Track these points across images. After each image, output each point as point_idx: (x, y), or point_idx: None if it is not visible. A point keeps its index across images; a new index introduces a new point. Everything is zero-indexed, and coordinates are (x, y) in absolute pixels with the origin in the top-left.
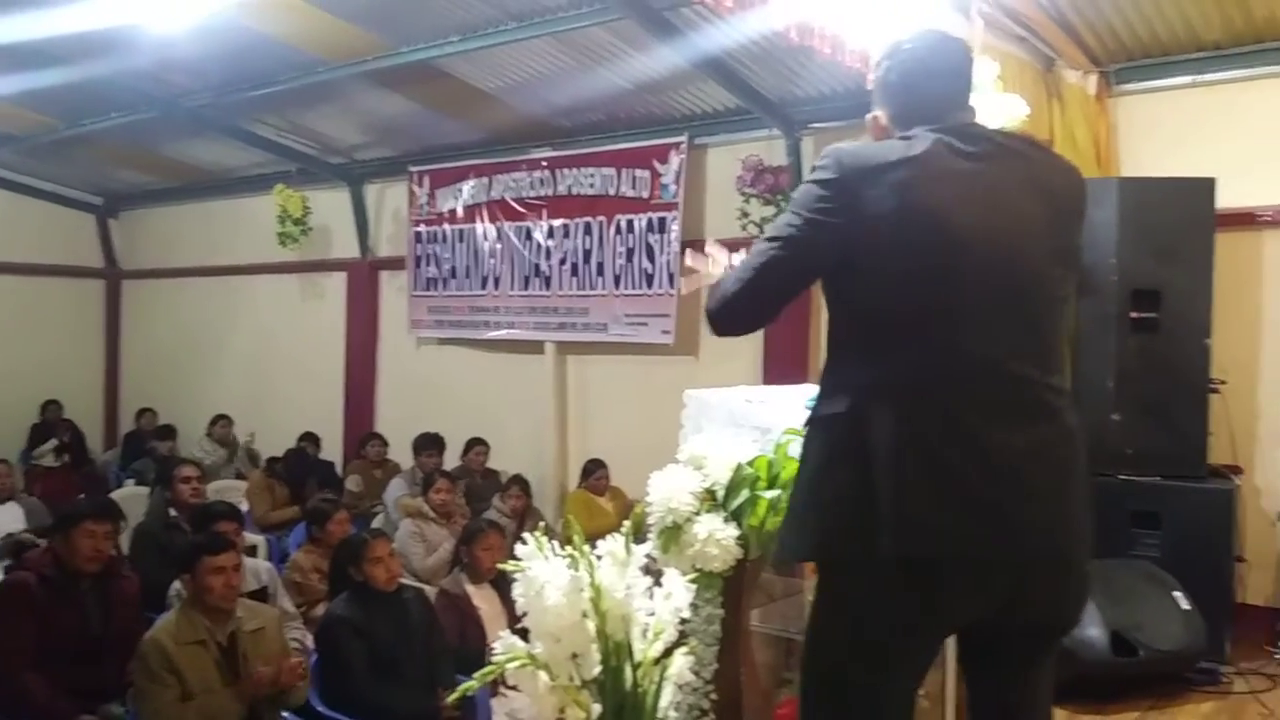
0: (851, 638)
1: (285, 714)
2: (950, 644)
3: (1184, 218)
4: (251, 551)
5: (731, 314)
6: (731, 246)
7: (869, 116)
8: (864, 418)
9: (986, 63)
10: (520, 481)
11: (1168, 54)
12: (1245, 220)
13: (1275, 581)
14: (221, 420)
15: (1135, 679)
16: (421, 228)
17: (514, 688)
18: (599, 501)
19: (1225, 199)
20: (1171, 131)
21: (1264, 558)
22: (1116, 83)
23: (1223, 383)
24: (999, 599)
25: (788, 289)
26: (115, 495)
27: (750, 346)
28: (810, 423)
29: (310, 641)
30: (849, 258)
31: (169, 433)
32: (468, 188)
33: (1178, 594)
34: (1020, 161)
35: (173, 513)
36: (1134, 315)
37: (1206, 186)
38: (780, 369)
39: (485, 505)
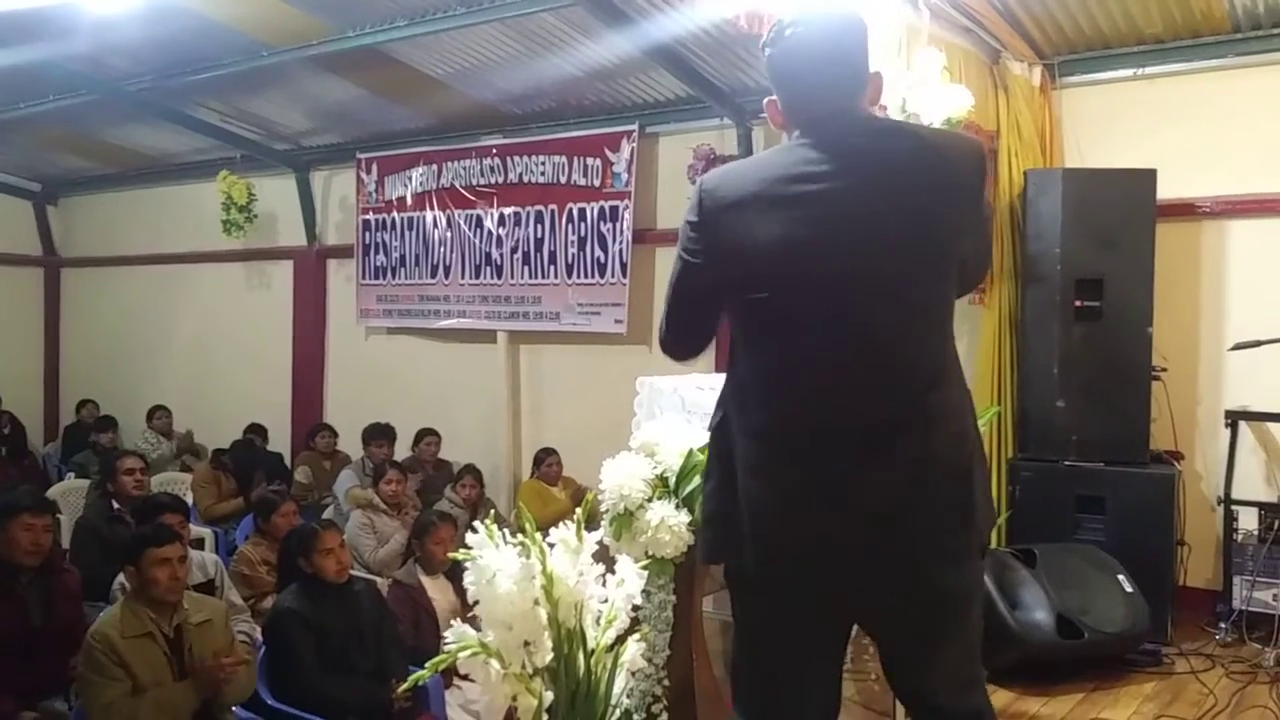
0: (737, 632)
1: (235, 708)
2: None
3: (1126, 208)
4: (198, 544)
5: (666, 343)
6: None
7: (766, 101)
8: (722, 435)
9: (933, 54)
10: (473, 471)
11: (1110, 47)
12: (1185, 211)
13: (1215, 565)
14: (160, 411)
15: (1080, 661)
16: (370, 215)
17: (467, 678)
18: (552, 490)
19: (1165, 190)
20: (1114, 123)
21: (1204, 541)
22: (1061, 75)
23: (1164, 370)
24: (838, 612)
25: (696, 316)
26: (56, 488)
27: None
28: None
29: (258, 634)
30: (714, 288)
31: (109, 424)
32: (417, 175)
33: (1122, 577)
34: (876, 163)
35: (115, 505)
36: (1078, 303)
37: (1148, 178)
38: None
39: (437, 496)
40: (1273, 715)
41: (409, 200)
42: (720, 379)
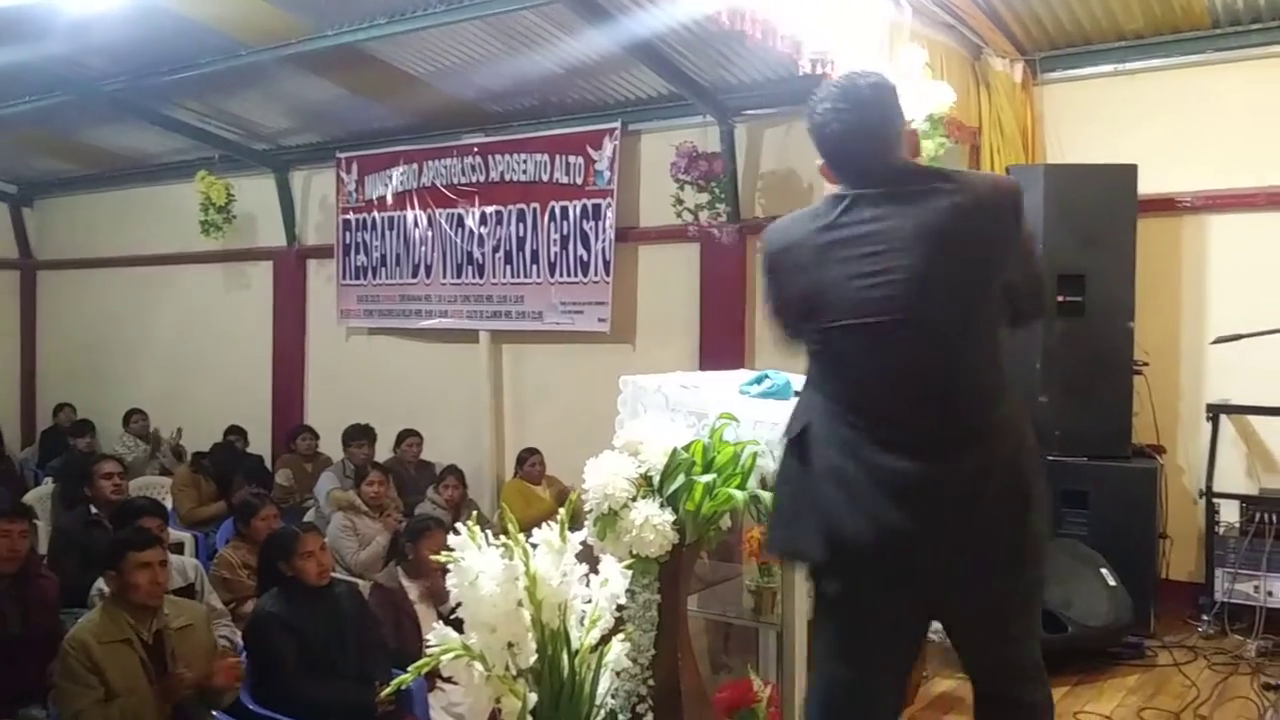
0: (817, 623)
1: (216, 714)
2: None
3: (1107, 204)
4: (178, 548)
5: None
6: (666, 234)
7: (818, 164)
8: (802, 443)
9: (915, 50)
10: (455, 472)
11: (1091, 43)
12: (1166, 206)
13: (1197, 558)
14: (136, 415)
15: (1064, 654)
16: (350, 215)
17: (450, 680)
18: (535, 490)
19: (1146, 185)
20: (1095, 119)
21: (1186, 534)
22: (1042, 71)
23: (1145, 364)
24: (913, 605)
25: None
26: (33, 494)
27: (686, 335)
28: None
29: (239, 638)
30: (789, 320)
31: (87, 428)
32: (397, 174)
33: (1105, 571)
34: (911, 209)
35: (93, 510)
36: (1060, 299)
37: (1129, 173)
38: (716, 357)
39: (419, 498)
40: (1254, 706)
41: (389, 199)
42: (702, 376)
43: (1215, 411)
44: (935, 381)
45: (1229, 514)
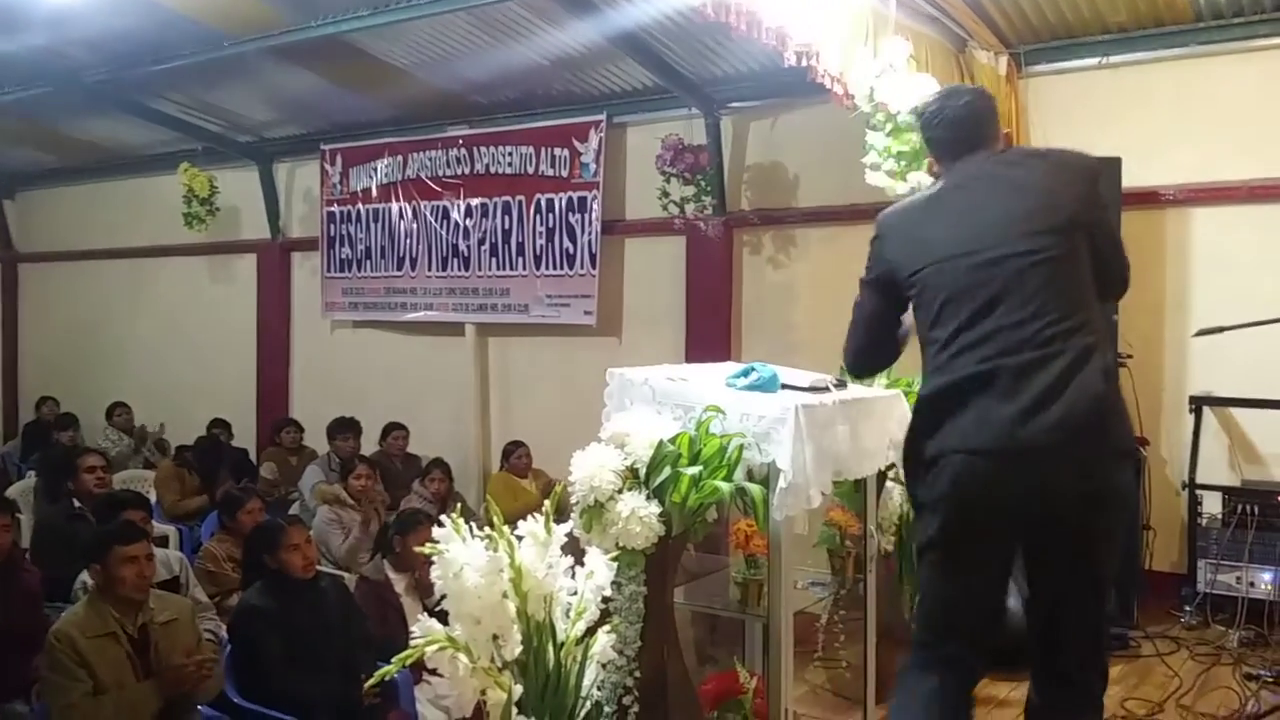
0: (928, 552)
1: (201, 707)
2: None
3: None
4: (163, 542)
5: (856, 365)
6: (652, 227)
7: (927, 160)
8: (926, 397)
9: (900, 42)
10: (441, 465)
11: (1075, 36)
12: (1150, 199)
13: (1179, 548)
14: (120, 408)
15: None
16: (334, 207)
17: (435, 672)
18: (521, 483)
19: (1130, 178)
20: (1079, 112)
21: (1170, 526)
22: (1026, 64)
23: (1129, 357)
24: (1026, 512)
25: (877, 327)
26: (15, 487)
27: (672, 328)
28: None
29: (224, 632)
30: (888, 288)
31: (70, 422)
32: (382, 166)
33: None
34: (997, 174)
35: (76, 504)
36: None
37: (1113, 166)
38: (702, 350)
39: (405, 491)
40: (1236, 696)
41: (374, 192)
42: (688, 369)
43: (1198, 404)
44: (1020, 301)
45: (1211, 505)
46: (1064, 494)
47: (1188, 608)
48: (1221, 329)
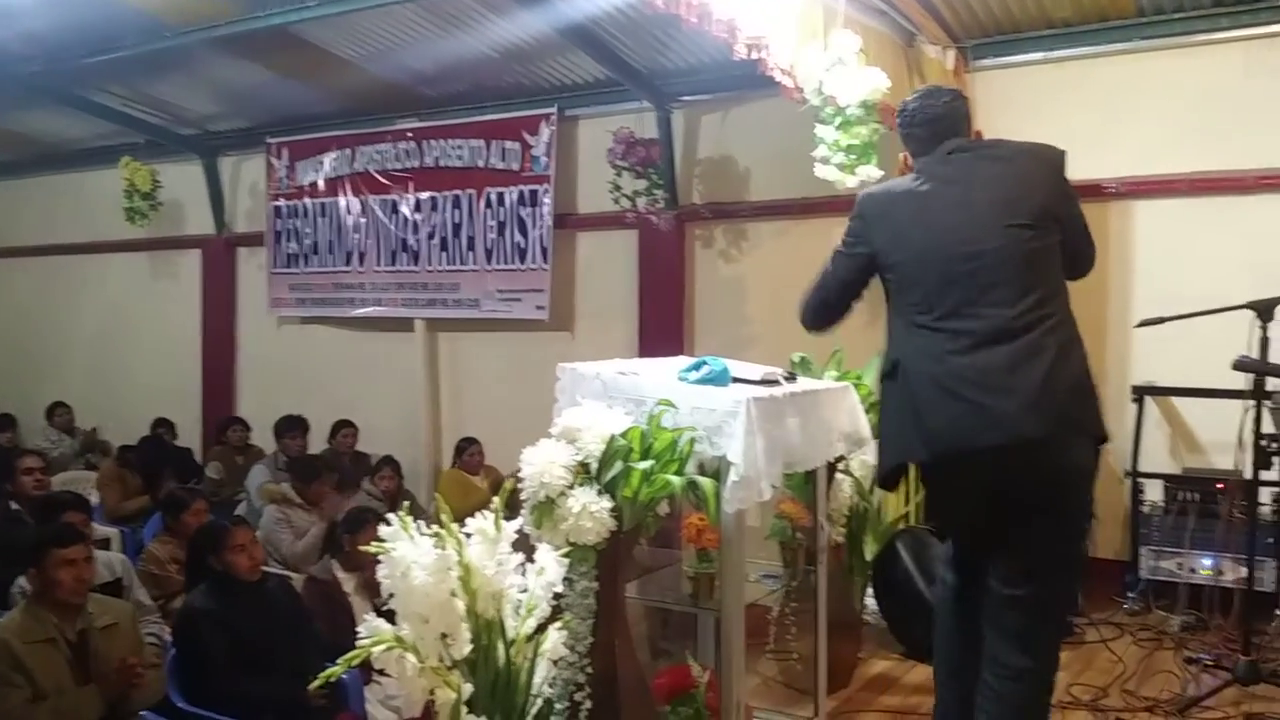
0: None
1: (144, 713)
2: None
3: None
4: (104, 544)
5: (814, 319)
6: (604, 221)
7: (901, 155)
8: (900, 370)
9: (849, 36)
10: (391, 463)
11: (1020, 31)
12: (1093, 191)
13: (1122, 536)
14: (60, 408)
15: None
16: (281, 202)
17: (383, 672)
18: (473, 480)
19: (1074, 171)
20: (1025, 105)
21: (1114, 514)
22: (973, 58)
23: None
24: (998, 475)
25: (844, 293)
26: None
27: (625, 322)
28: (881, 377)
29: (168, 635)
30: (864, 266)
31: (8, 423)
32: (329, 160)
33: None
34: (975, 169)
35: (14, 506)
36: None
37: None
38: (655, 344)
39: (355, 489)
40: (1177, 679)
41: (321, 185)
42: (640, 363)
43: (1140, 393)
44: (994, 287)
45: (1153, 493)
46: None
47: (1130, 594)
48: (1163, 319)
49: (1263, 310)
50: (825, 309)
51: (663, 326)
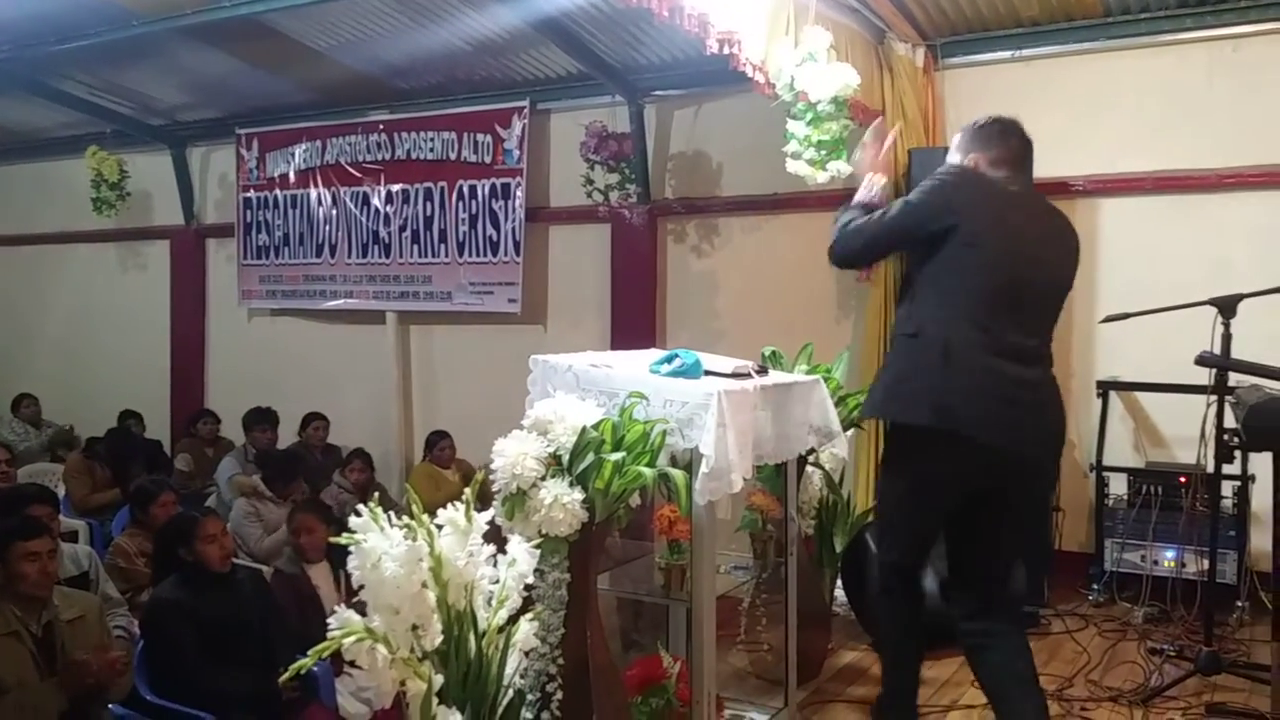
0: (908, 480)
1: (112, 706)
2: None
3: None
4: (71, 536)
5: (852, 257)
6: (577, 215)
7: (974, 155)
8: (938, 343)
9: (820, 33)
10: (362, 455)
11: (989, 30)
12: (1060, 189)
13: (1087, 529)
14: (27, 400)
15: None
16: (251, 193)
17: (354, 664)
18: (444, 473)
19: (1041, 169)
20: (993, 104)
21: (1078, 507)
22: (943, 56)
23: None
24: (994, 472)
25: (892, 247)
26: None
27: (597, 315)
28: (901, 337)
29: (136, 628)
30: (933, 233)
31: None
32: (300, 151)
33: None
34: (1044, 215)
35: None
36: None
37: None
38: (627, 337)
39: (326, 482)
40: (1141, 670)
41: (292, 177)
42: (612, 355)
43: (1104, 388)
44: (1036, 303)
45: (1118, 487)
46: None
47: (1095, 586)
48: (1127, 315)
49: (1224, 306)
50: (870, 252)
51: (634, 320)
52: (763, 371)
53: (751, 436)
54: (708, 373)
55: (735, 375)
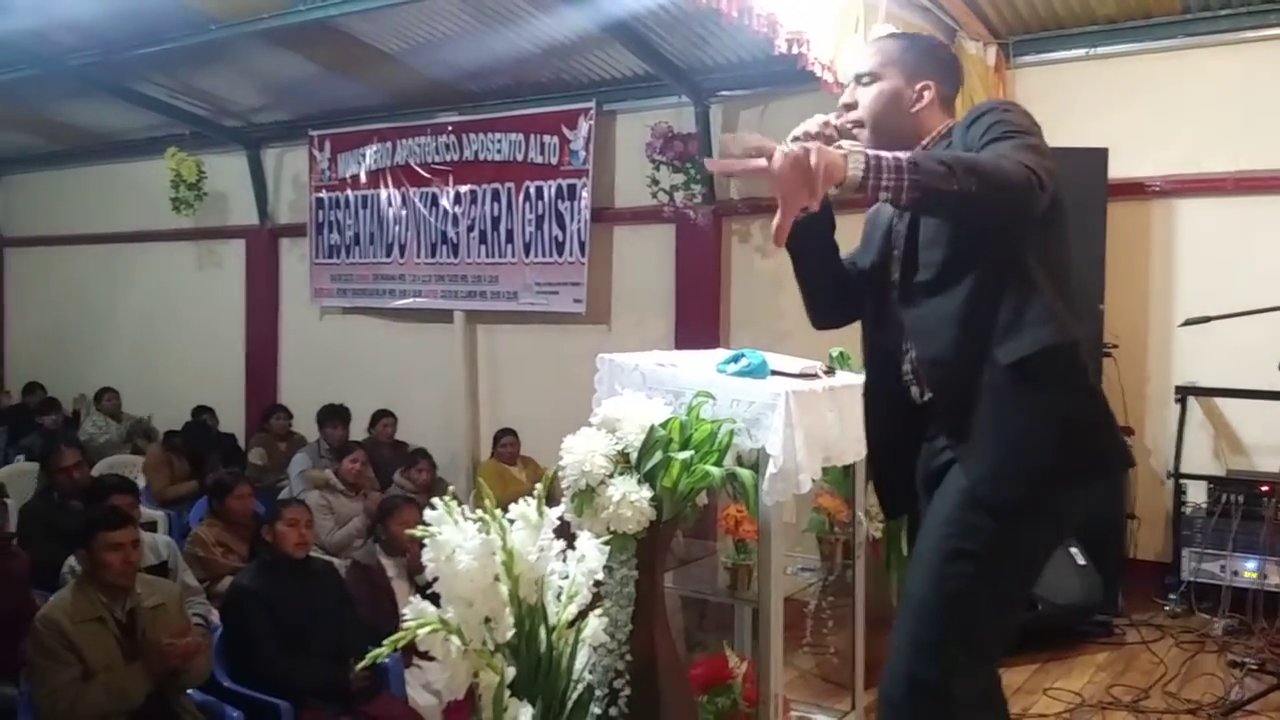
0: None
1: (191, 691)
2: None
3: (1078, 187)
4: (151, 527)
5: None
6: (642, 215)
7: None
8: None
9: (890, 30)
10: (425, 455)
11: (1063, 27)
12: (1135, 190)
13: (1164, 537)
14: (108, 394)
15: (1035, 633)
16: (323, 193)
17: (425, 655)
18: (511, 471)
19: (1116, 169)
20: (1066, 103)
21: (1154, 515)
22: (1015, 55)
23: (1115, 346)
24: None
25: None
26: (2, 471)
27: (661, 315)
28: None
29: (215, 616)
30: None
31: (53, 406)
32: (371, 152)
33: (1074, 550)
34: None
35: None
36: None
37: (1100, 157)
38: (691, 337)
39: (388, 484)
40: (1220, 683)
41: (363, 178)
42: (678, 355)
43: (1183, 393)
44: None
45: (1196, 495)
46: None
47: (1172, 596)
48: (1207, 319)
49: None
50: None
51: (699, 320)
52: (830, 372)
53: (819, 438)
54: (774, 373)
55: (803, 376)
